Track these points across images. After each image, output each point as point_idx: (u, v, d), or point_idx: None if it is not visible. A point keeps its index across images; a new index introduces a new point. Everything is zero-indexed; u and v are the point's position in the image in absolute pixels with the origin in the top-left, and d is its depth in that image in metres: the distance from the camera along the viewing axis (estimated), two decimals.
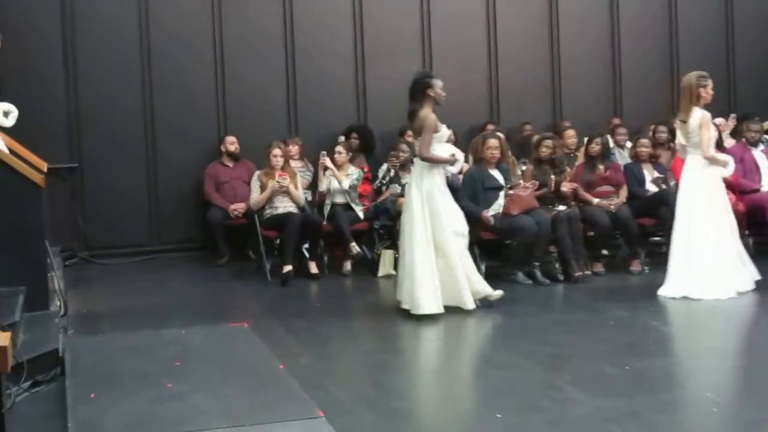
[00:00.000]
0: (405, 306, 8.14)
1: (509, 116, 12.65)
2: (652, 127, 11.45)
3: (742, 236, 9.93)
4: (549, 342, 7.25)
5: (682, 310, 8.29)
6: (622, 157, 11.32)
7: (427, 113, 8.19)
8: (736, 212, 9.78)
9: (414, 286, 8.02)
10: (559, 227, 9.44)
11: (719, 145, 9.94)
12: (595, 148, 10.23)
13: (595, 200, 9.94)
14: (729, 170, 8.94)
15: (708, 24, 13.85)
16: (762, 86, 13.69)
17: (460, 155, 8.74)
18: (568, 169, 10.18)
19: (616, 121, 12.61)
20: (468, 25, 12.88)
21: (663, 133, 11.23)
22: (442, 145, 8.38)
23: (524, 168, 10.35)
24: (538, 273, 9.42)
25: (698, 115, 8.67)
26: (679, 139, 8.99)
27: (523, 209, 9.37)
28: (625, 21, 13.45)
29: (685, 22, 13.67)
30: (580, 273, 9.44)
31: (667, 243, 9.80)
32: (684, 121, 8.78)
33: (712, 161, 8.71)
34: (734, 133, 11.83)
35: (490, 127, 11.68)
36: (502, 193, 9.47)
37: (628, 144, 11.32)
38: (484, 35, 12.97)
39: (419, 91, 8.25)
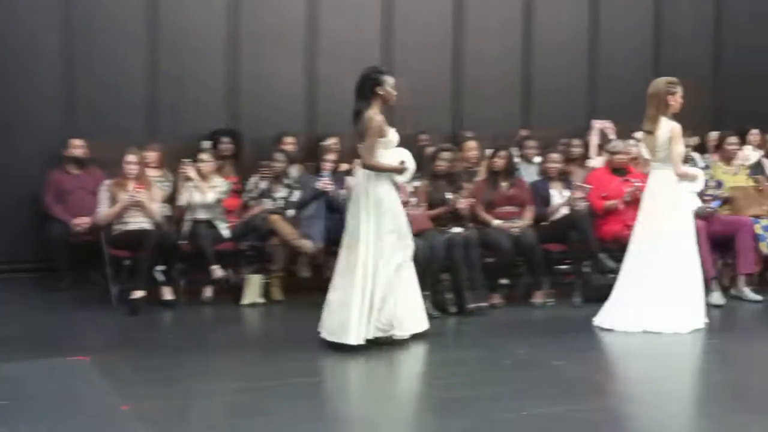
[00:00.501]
0: (330, 337, 8.20)
1: (404, 125, 12.77)
2: (566, 140, 11.69)
3: None
4: (440, 382, 7.37)
5: (590, 348, 8.50)
6: (529, 174, 11.49)
7: (372, 115, 8.21)
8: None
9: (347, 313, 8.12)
10: (454, 252, 9.56)
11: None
12: (499, 162, 10.37)
13: (496, 222, 10.10)
14: (699, 185, 9.35)
15: (634, 32, 14.22)
16: (689, 100, 14.10)
17: (411, 163, 8.59)
18: (467, 186, 10.33)
19: (524, 132, 12.77)
20: (362, 25, 13.03)
21: (577, 148, 11.47)
22: (390, 151, 8.40)
23: (417, 184, 10.42)
24: (428, 304, 9.38)
25: (668, 127, 8.94)
26: (643, 152, 9.31)
27: (415, 230, 9.44)
28: (541, 22, 13.72)
29: (608, 30, 13.99)
30: (475, 305, 9.57)
31: (576, 271, 10.08)
32: (650, 132, 9.03)
33: (683, 177, 9.01)
34: None
35: (423, 137, 11.87)
36: None
37: (537, 159, 11.52)
38: (377, 35, 13.09)
39: (367, 88, 8.28)
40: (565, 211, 10.43)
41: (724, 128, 12.47)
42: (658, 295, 8.90)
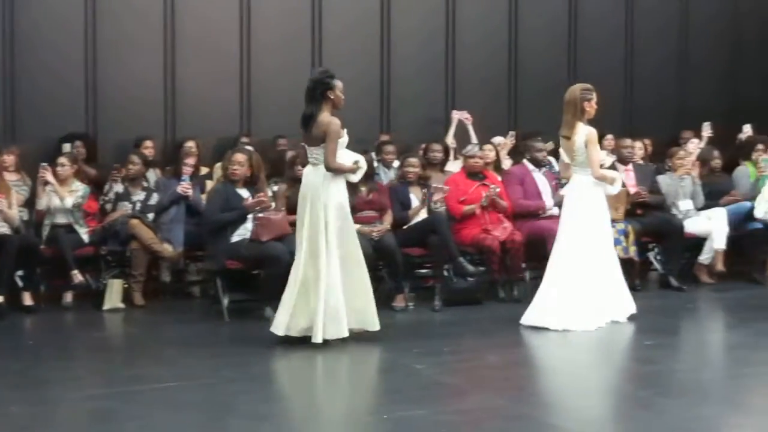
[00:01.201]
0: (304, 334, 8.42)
1: (262, 128, 12.82)
2: (424, 145, 11.86)
3: (520, 270, 10.59)
4: (304, 390, 7.45)
5: (452, 351, 8.64)
6: (388, 178, 11.67)
7: (330, 119, 8.52)
8: (513, 243, 10.40)
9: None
10: None
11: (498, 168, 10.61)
12: None
13: (356, 226, 10.18)
14: (616, 188, 9.57)
15: (491, 39, 14.47)
16: (545, 103, 14.41)
17: (363, 162, 8.94)
18: None
19: (384, 137, 12.92)
20: (220, 28, 13.04)
21: (437, 153, 11.61)
22: (344, 152, 8.68)
23: (276, 188, 10.48)
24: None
25: (584, 132, 9.27)
26: (563, 156, 9.57)
27: (275, 235, 9.51)
28: (398, 27, 13.88)
29: (464, 35, 14.22)
30: None
31: (437, 276, 10.25)
32: (568, 138, 9.35)
33: (601, 180, 9.33)
34: (514, 153, 12.42)
35: (244, 139, 11.89)
36: (250, 216, 9.64)
37: (396, 163, 11.68)
38: (237, 37, 13.12)
39: (319, 92, 8.56)
40: (424, 214, 10.60)
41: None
42: (576, 295, 9.23)
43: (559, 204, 10.79)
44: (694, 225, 11.45)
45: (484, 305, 10.32)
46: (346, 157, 8.73)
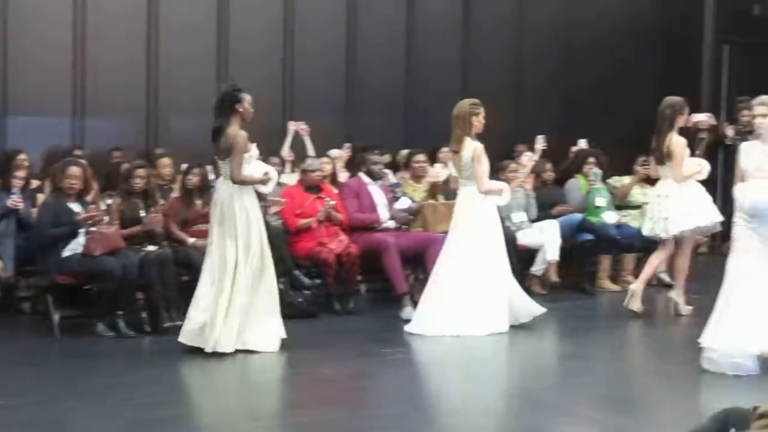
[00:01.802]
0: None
1: (95, 140, 12.61)
2: (261, 157, 11.81)
3: (355, 282, 10.67)
4: (134, 405, 7.34)
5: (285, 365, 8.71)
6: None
7: (237, 132, 8.69)
8: (349, 256, 10.45)
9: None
10: (149, 270, 9.56)
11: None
12: (193, 179, 10.43)
13: (191, 239, 10.15)
14: (505, 198, 9.88)
15: (330, 51, 14.50)
16: (381, 116, 14.53)
17: (273, 173, 9.14)
18: (162, 201, 10.36)
19: None
20: (52, 40, 12.77)
21: (274, 165, 11.56)
22: (253, 164, 8.84)
23: (110, 202, 10.34)
24: (122, 323, 9.44)
25: (471, 147, 9.61)
26: (452, 170, 10.00)
27: (107, 249, 9.41)
28: (236, 35, 13.80)
29: (303, 46, 14.22)
30: (171, 323, 9.55)
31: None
32: (456, 152, 9.70)
33: (489, 193, 9.67)
34: (350, 166, 12.48)
35: (77, 152, 11.68)
36: (82, 231, 9.48)
37: None
38: (70, 52, 12.87)
39: (227, 105, 8.74)
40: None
41: (413, 146, 12.98)
42: (462, 301, 9.58)
43: (394, 217, 10.94)
44: (526, 237, 11.67)
45: (320, 318, 10.34)
46: (255, 168, 8.89)
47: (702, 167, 10.31)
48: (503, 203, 10.00)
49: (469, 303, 9.59)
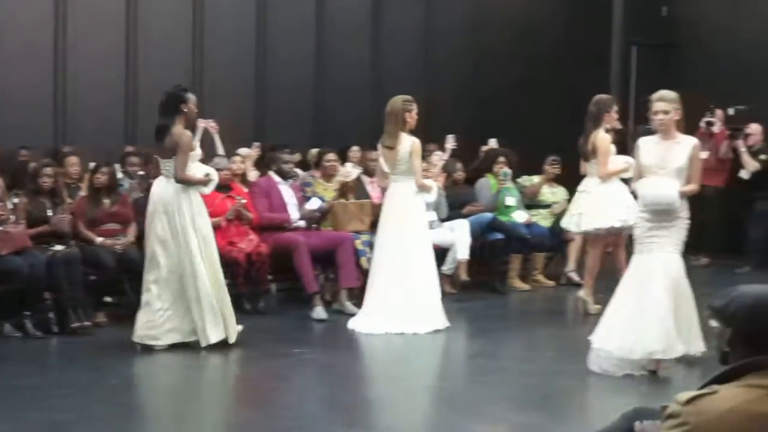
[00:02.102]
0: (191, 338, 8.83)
1: (2, 138, 12.39)
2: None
3: (266, 282, 10.64)
4: (42, 407, 7.27)
5: (188, 366, 8.67)
6: (134, 190, 11.46)
7: (182, 131, 8.82)
8: (259, 255, 10.43)
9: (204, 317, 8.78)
10: (56, 270, 9.45)
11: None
12: (101, 178, 10.32)
13: (99, 239, 10.05)
14: (433, 195, 10.17)
15: (239, 49, 14.42)
16: (291, 115, 14.50)
17: (215, 174, 9.23)
18: (69, 200, 10.25)
19: (129, 148, 12.71)
20: None
21: None
22: (196, 165, 8.97)
23: (16, 200, 10.19)
24: (29, 324, 9.34)
25: (409, 142, 9.78)
26: (382, 166, 9.99)
27: (14, 249, 9.29)
28: (145, 32, 13.68)
29: (213, 45, 14.13)
30: (79, 324, 9.48)
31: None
32: (391, 148, 9.83)
33: (423, 188, 9.85)
34: (260, 165, 12.44)
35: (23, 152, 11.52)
36: None
37: (141, 173, 11.53)
38: None
39: (172, 105, 8.89)
40: None
41: (323, 145, 12.99)
42: (399, 298, 9.73)
43: (305, 217, 10.93)
44: (437, 236, 11.72)
45: None
46: (197, 169, 8.99)
47: (629, 165, 10.18)
48: (432, 200, 10.15)
49: (411, 300, 9.74)
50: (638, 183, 8.21)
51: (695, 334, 8.09)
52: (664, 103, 8.04)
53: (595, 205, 10.23)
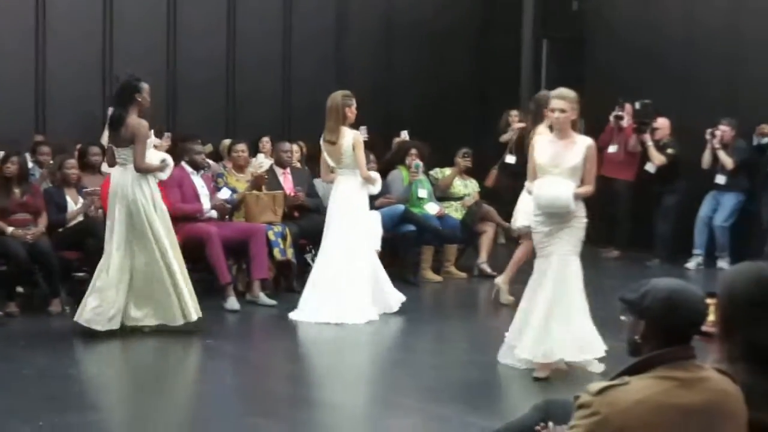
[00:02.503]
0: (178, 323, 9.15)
1: None
2: (79, 146, 11.63)
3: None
4: None
5: (107, 354, 8.64)
6: (44, 179, 11.35)
7: (139, 121, 9.06)
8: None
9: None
10: None
11: None
12: (11, 168, 10.21)
13: (10, 229, 9.95)
14: (377, 187, 10.23)
15: (149, 40, 14.29)
16: (202, 105, 14.44)
17: (170, 160, 9.54)
18: None
19: (39, 137, 12.58)
20: None
21: (95, 156, 11.35)
22: (151, 152, 9.28)
23: None
24: None
25: (350, 135, 9.90)
26: (327, 161, 10.12)
27: None
28: (50, 22, 13.50)
29: (122, 33, 14.00)
30: None
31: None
32: (333, 143, 9.94)
33: (368, 180, 9.95)
34: (171, 155, 12.38)
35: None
36: None
37: (52, 162, 11.42)
38: None
39: (127, 95, 9.17)
40: (80, 218, 10.44)
41: (234, 136, 12.99)
42: (339, 288, 9.86)
43: (216, 207, 10.92)
44: None
45: None
46: (152, 156, 9.28)
47: None
48: (376, 191, 10.36)
49: (350, 290, 9.87)
50: (533, 184, 7.95)
51: (575, 342, 7.90)
52: (563, 101, 7.83)
53: (529, 203, 10.15)
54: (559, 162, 7.80)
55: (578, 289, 7.94)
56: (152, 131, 9.34)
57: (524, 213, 9.68)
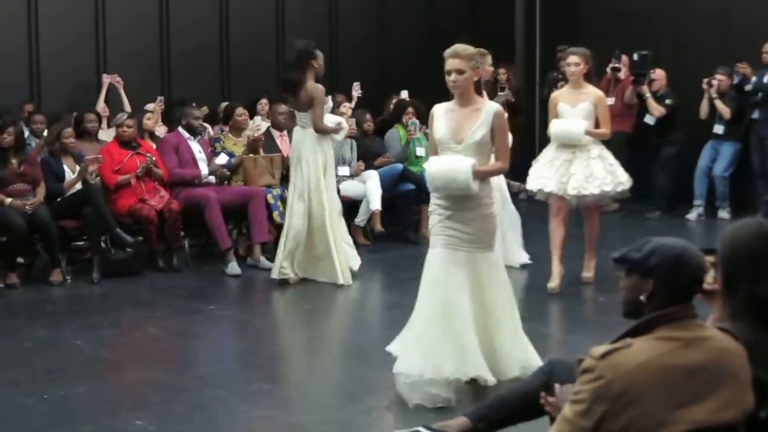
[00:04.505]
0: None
1: None
2: (76, 114, 11.58)
3: (178, 238, 10.62)
4: None
5: (111, 326, 8.65)
6: (40, 149, 11.28)
7: (315, 85, 9.63)
8: (170, 212, 10.40)
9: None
10: None
11: None
12: (8, 138, 10.16)
13: (8, 200, 9.93)
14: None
15: (142, 3, 14.16)
16: (196, 69, 14.34)
17: (344, 123, 10.23)
18: None
19: (30, 107, 12.50)
20: None
21: (92, 123, 11.29)
22: (328, 116, 9.88)
23: None
24: None
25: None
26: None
27: None
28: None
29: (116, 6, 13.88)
30: None
31: (94, 247, 10.09)
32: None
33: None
34: (165, 120, 12.37)
35: None
36: None
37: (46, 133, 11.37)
38: None
39: (305, 61, 9.66)
40: (78, 186, 10.41)
41: (231, 99, 12.92)
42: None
43: (214, 172, 10.91)
44: (350, 188, 11.77)
45: (144, 275, 10.28)
46: (329, 119, 9.88)
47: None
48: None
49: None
50: (428, 161, 6.66)
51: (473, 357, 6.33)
52: (458, 60, 6.47)
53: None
54: (462, 136, 6.44)
55: (491, 297, 6.51)
56: (329, 96, 10.04)
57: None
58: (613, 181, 9.16)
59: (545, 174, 9.27)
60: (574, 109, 9.08)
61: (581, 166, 9.02)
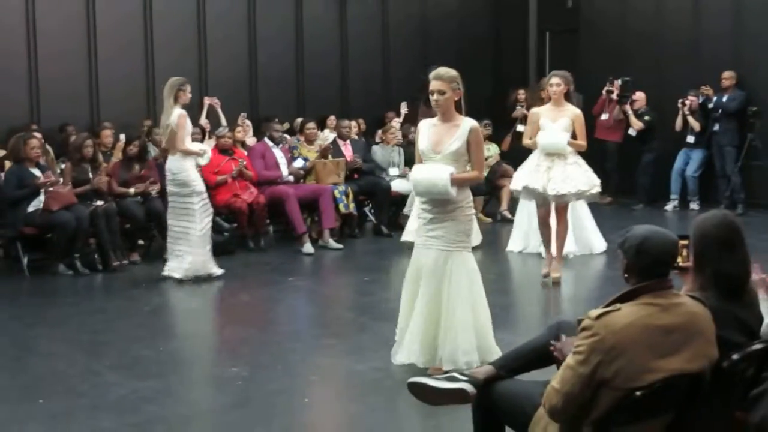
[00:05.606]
0: None
1: (49, 118, 12.18)
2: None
3: (264, 225, 10.64)
4: (89, 329, 7.32)
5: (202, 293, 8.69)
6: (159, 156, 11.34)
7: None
8: (258, 204, 10.44)
9: None
10: (98, 221, 9.42)
11: None
12: (134, 150, 10.26)
13: (132, 190, 10.03)
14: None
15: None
16: (281, 91, 14.36)
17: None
18: (105, 164, 10.20)
19: (149, 122, 12.57)
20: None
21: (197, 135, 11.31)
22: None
23: (63, 166, 10.14)
24: (79, 264, 9.33)
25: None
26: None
27: (63, 205, 9.24)
28: (156, 26, 13.40)
29: (214, 39, 13.91)
30: (118, 262, 9.53)
31: None
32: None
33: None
34: (256, 132, 12.44)
35: (34, 126, 11.36)
36: (42, 190, 9.28)
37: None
38: (23, 35, 12.36)
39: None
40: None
41: (305, 115, 12.95)
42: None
43: (292, 173, 10.96)
44: (399, 185, 11.73)
45: (237, 254, 10.30)
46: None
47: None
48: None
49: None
50: (412, 170, 6.07)
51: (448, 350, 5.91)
52: (439, 81, 5.95)
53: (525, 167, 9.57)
54: (440, 148, 5.92)
55: (457, 290, 5.92)
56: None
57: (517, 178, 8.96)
58: (588, 183, 8.85)
59: (532, 177, 8.72)
60: (555, 123, 8.60)
61: (559, 170, 8.68)
